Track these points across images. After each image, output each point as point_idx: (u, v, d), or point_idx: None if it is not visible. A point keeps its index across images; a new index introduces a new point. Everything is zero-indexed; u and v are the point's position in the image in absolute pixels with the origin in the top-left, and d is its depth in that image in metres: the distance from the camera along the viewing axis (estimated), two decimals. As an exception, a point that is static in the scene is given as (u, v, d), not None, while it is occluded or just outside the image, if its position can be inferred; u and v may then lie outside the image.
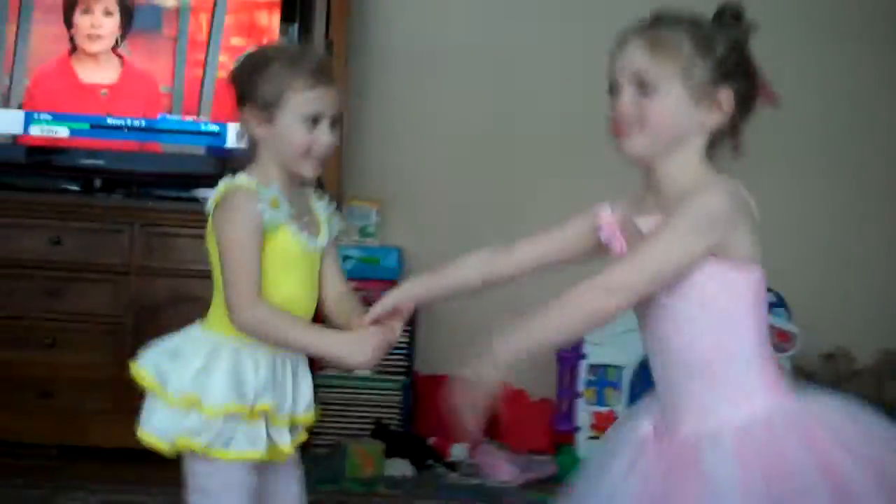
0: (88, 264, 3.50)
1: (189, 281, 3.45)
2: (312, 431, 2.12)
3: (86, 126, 3.63)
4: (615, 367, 3.68)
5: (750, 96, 1.78)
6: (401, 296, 2.02)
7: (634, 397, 3.69)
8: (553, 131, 4.05)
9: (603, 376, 3.69)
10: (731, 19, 1.77)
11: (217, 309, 2.01)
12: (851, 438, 1.68)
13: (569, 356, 3.68)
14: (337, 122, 2.03)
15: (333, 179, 3.64)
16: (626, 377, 3.68)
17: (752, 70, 1.79)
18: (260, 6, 3.66)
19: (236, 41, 3.63)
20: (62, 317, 3.50)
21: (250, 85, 2.01)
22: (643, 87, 1.74)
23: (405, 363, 3.70)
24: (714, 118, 1.75)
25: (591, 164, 3.96)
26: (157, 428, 1.93)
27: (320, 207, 2.09)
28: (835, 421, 1.71)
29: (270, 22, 3.66)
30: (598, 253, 1.93)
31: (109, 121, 3.64)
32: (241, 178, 2.00)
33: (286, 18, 3.65)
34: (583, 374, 3.67)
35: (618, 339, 3.66)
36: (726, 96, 1.74)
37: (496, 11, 4.07)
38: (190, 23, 3.64)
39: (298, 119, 1.98)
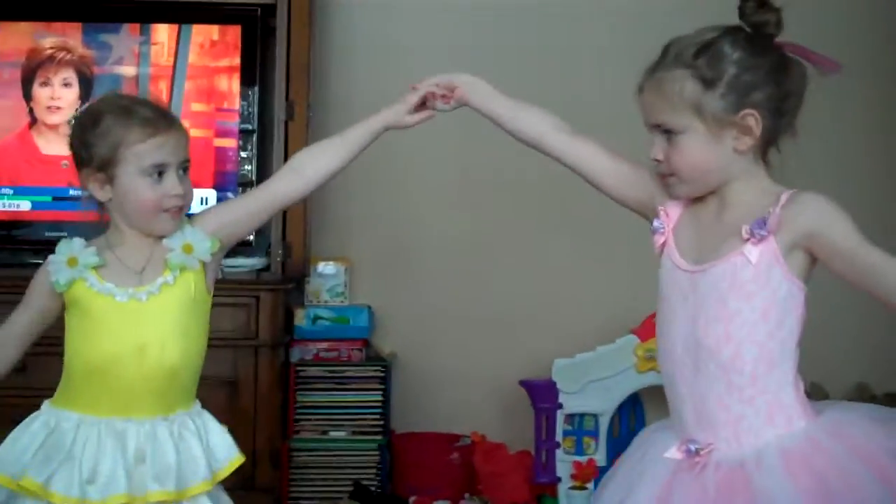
0: (55, 338, 3.44)
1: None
2: (289, 496, 2.08)
3: (48, 199, 3.61)
4: (592, 415, 3.66)
5: (785, 95, 1.74)
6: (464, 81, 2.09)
7: (613, 445, 3.67)
8: (529, 180, 4.04)
9: (580, 425, 3.66)
10: (756, 10, 1.74)
11: (62, 386, 1.97)
12: (892, 443, 1.68)
13: (545, 407, 3.65)
14: (186, 169, 1.90)
15: (299, 239, 3.62)
16: (604, 425, 3.65)
17: (782, 63, 1.74)
18: (219, 71, 3.66)
19: (197, 107, 3.63)
20: (30, 392, 3.41)
21: (83, 146, 1.89)
22: (667, 133, 1.75)
23: (381, 423, 3.66)
24: (745, 142, 1.73)
25: (572, 210, 3.98)
26: None
27: (175, 243, 1.92)
28: (870, 429, 1.71)
29: (230, 86, 3.65)
30: (630, 206, 1.93)
31: (71, 192, 3.61)
32: (63, 242, 1.95)
33: (246, 82, 3.66)
34: (560, 424, 3.65)
35: (592, 388, 3.64)
36: (751, 118, 1.72)
37: (460, 57, 4.06)
38: (150, 90, 3.63)
39: (140, 173, 1.85)
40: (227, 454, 1.96)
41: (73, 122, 1.96)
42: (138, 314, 1.88)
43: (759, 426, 1.73)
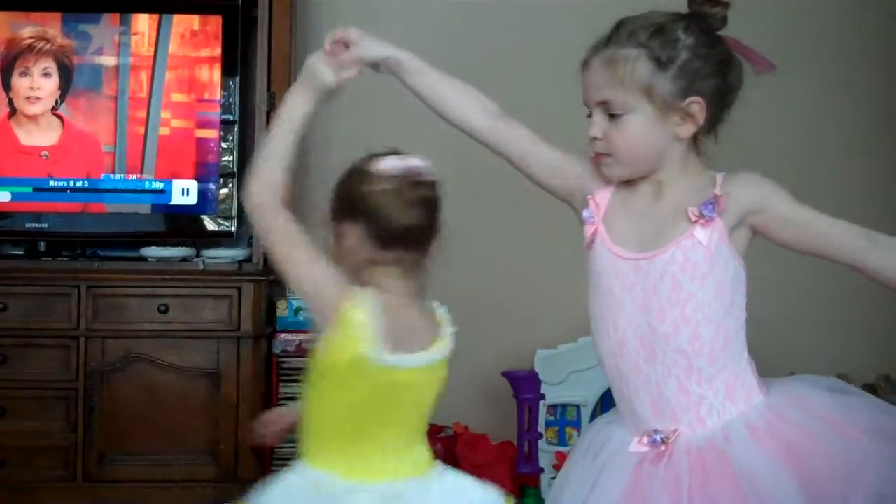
0: (36, 329, 3.44)
1: (140, 341, 3.41)
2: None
3: (28, 189, 3.59)
4: (574, 405, 3.67)
5: (728, 89, 1.75)
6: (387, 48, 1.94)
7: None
8: (509, 175, 4.02)
9: (563, 416, 3.67)
10: (705, 2, 1.74)
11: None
12: (849, 407, 1.72)
13: (528, 398, 3.66)
14: None
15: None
16: (586, 415, 3.66)
17: (728, 58, 1.75)
18: (201, 61, 3.64)
19: (178, 97, 3.61)
20: (11, 384, 3.42)
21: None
22: (610, 113, 1.73)
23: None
24: (687, 129, 1.74)
25: (550, 209, 3.97)
26: None
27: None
28: (827, 398, 1.74)
29: (211, 77, 3.64)
30: (555, 192, 1.92)
31: (52, 183, 3.59)
32: None
33: (227, 72, 3.64)
34: (542, 414, 3.66)
35: (575, 378, 3.65)
36: (696, 106, 1.72)
37: (443, 52, 4.04)
38: (130, 81, 3.61)
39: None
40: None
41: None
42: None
43: (720, 406, 1.73)
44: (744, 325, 1.77)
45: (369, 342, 1.72)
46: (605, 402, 3.76)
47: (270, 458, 3.52)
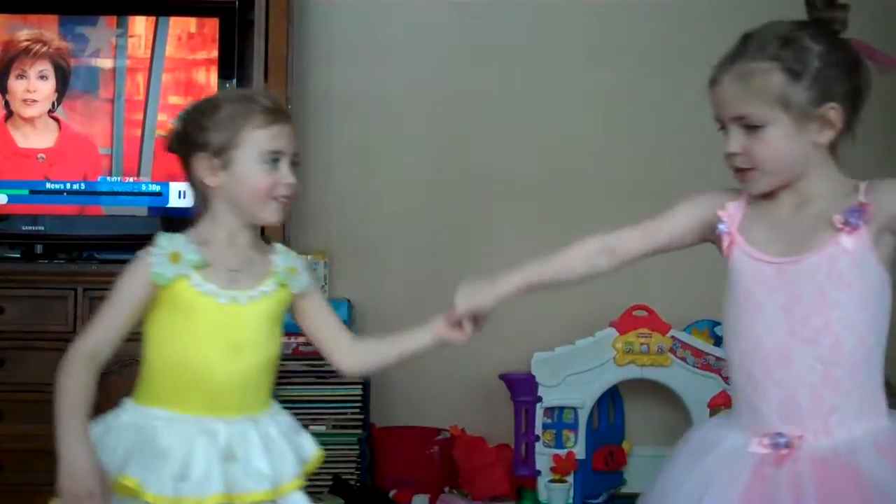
0: (33, 332, 3.43)
1: (137, 344, 3.38)
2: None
3: (25, 192, 3.58)
4: (571, 408, 3.67)
5: (859, 90, 1.75)
6: (501, 290, 1.96)
7: (592, 438, 3.68)
8: (506, 176, 4.04)
9: (560, 418, 3.67)
10: (826, 6, 1.74)
11: (145, 383, 1.93)
12: None
13: (525, 400, 3.66)
14: (296, 164, 1.94)
15: (278, 232, 3.61)
16: (583, 418, 3.66)
17: (855, 59, 1.75)
18: (197, 63, 3.64)
19: (174, 100, 3.61)
20: (8, 387, 3.42)
21: (200, 132, 1.90)
22: (748, 126, 1.73)
23: (361, 416, 3.66)
24: (827, 135, 1.73)
25: (547, 209, 3.99)
26: None
27: (280, 261, 1.98)
28: None
29: (208, 79, 3.64)
30: (697, 242, 1.89)
31: (48, 185, 3.59)
32: (163, 236, 1.92)
33: (224, 75, 3.64)
34: (539, 417, 3.66)
35: (571, 381, 3.65)
36: (833, 112, 1.72)
37: (440, 54, 4.07)
38: (126, 83, 3.61)
39: (257, 158, 1.88)
40: (310, 450, 1.99)
41: (188, 110, 1.97)
42: (237, 317, 1.90)
43: (851, 419, 1.71)
44: (884, 339, 1.76)
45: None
46: (602, 405, 3.77)
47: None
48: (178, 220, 3.62)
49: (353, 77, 4.05)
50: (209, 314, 1.89)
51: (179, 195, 3.57)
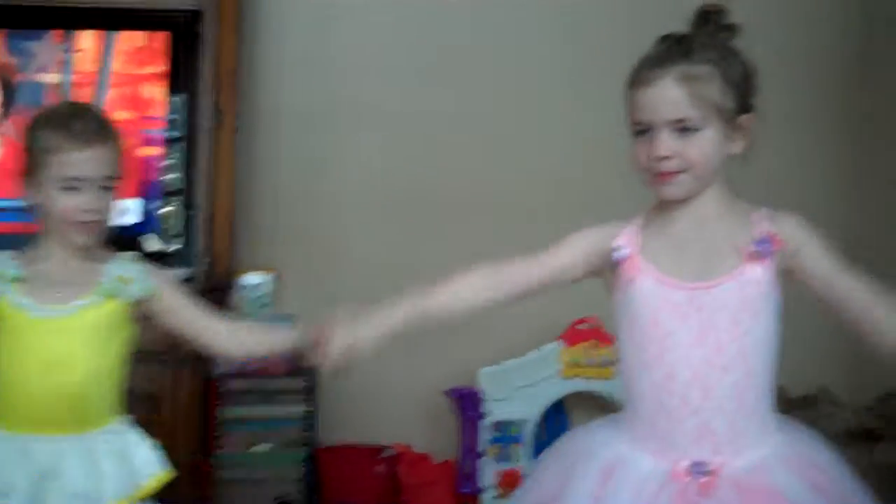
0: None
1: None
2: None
3: (-28, 208, 3.54)
4: (517, 422, 3.68)
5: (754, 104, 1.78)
6: (382, 327, 1.90)
7: (538, 451, 3.69)
8: (457, 192, 4.05)
9: (506, 432, 3.67)
10: (720, 28, 1.76)
11: None
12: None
13: (470, 415, 3.67)
14: (108, 187, 1.93)
15: (225, 249, 3.59)
16: (529, 431, 3.67)
17: (756, 78, 1.78)
18: (144, 78, 3.62)
19: (121, 115, 3.58)
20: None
21: (24, 148, 1.93)
22: (683, 129, 1.72)
23: (306, 434, 3.64)
24: (739, 146, 1.75)
25: (500, 225, 3.99)
26: None
27: (112, 271, 1.98)
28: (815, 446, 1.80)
29: (156, 94, 3.62)
30: (596, 275, 1.86)
31: (-1, 203, 3.55)
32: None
33: (172, 89, 3.62)
34: (485, 432, 3.66)
35: (519, 394, 3.66)
36: (748, 121, 1.75)
37: (391, 69, 4.07)
38: (73, 98, 3.58)
39: (56, 185, 1.89)
40: (150, 470, 1.96)
41: (25, 125, 1.99)
42: (49, 332, 1.90)
43: (758, 439, 1.75)
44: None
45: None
46: (549, 419, 3.78)
47: (209, 481, 3.49)
48: (121, 237, 3.60)
49: (303, 91, 4.04)
50: (21, 329, 1.90)
51: (124, 212, 3.54)
